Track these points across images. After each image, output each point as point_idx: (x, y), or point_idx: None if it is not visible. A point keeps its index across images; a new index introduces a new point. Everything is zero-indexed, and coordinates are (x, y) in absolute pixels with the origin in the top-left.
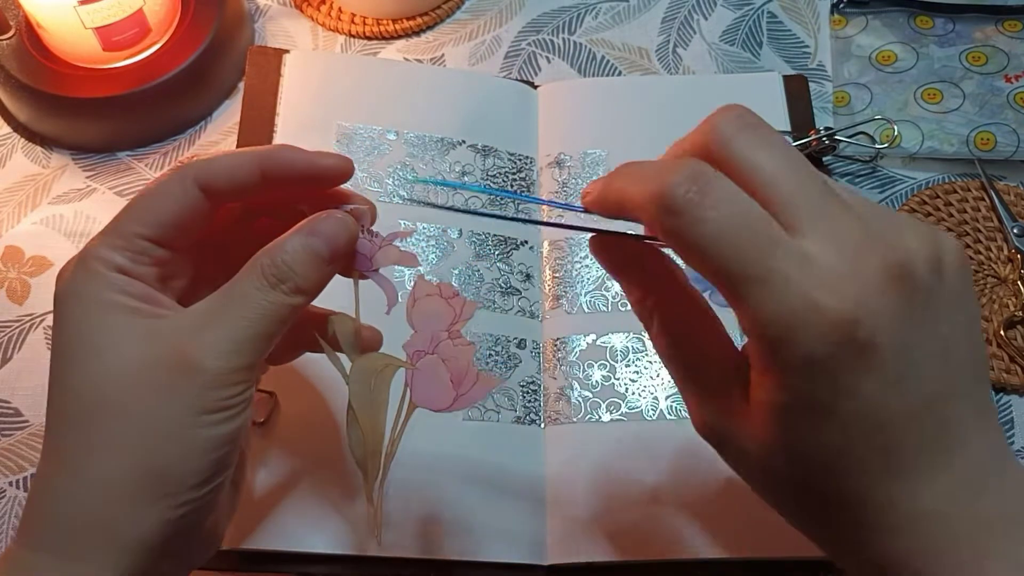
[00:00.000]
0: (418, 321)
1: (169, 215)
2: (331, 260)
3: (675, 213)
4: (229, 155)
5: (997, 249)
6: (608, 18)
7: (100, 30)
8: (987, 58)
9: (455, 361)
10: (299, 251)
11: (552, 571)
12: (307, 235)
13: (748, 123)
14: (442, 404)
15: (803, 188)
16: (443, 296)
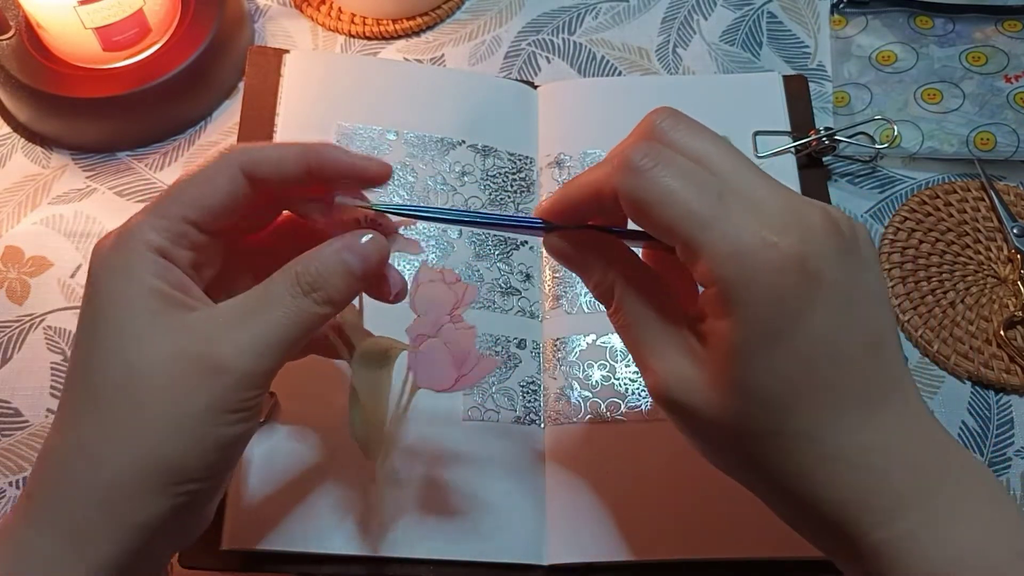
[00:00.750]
0: (421, 306)
1: (215, 199)
2: (363, 278)
3: (635, 172)
4: (277, 147)
5: (997, 249)
6: (608, 18)
7: (100, 30)
8: (987, 58)
9: (457, 344)
10: (334, 264)
11: (552, 571)
12: (344, 250)
13: (680, 119)
14: (444, 385)
15: (738, 163)
16: (445, 281)
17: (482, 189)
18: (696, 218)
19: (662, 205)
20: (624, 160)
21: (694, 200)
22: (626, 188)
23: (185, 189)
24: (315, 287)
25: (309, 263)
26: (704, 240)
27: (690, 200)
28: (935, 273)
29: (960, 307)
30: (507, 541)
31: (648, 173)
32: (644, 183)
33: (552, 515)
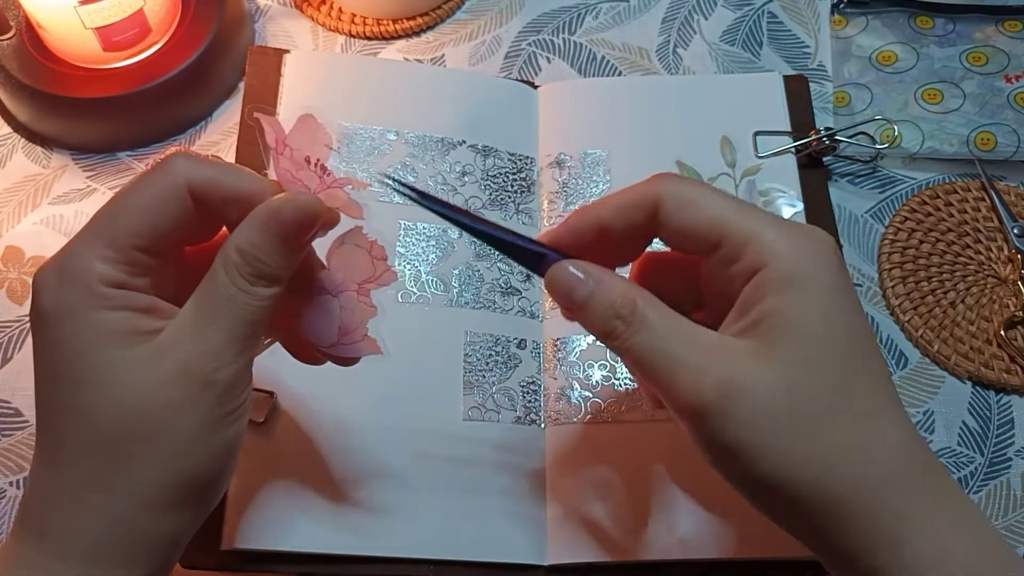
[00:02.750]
0: (335, 263)
1: (164, 224)
2: (299, 244)
3: (678, 177)
4: (229, 174)
5: (997, 249)
6: (608, 18)
7: (100, 30)
8: (987, 58)
9: (352, 314)
10: (265, 242)
11: (552, 571)
12: (269, 224)
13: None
14: (322, 341)
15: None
16: (371, 254)
17: (482, 189)
18: (741, 211)
19: (707, 203)
20: (663, 174)
21: (732, 201)
22: (672, 190)
23: (130, 214)
24: (259, 273)
25: (243, 249)
26: (753, 228)
27: (729, 200)
28: (935, 273)
29: (960, 307)
30: (507, 541)
31: (692, 181)
32: (689, 183)
33: (552, 515)
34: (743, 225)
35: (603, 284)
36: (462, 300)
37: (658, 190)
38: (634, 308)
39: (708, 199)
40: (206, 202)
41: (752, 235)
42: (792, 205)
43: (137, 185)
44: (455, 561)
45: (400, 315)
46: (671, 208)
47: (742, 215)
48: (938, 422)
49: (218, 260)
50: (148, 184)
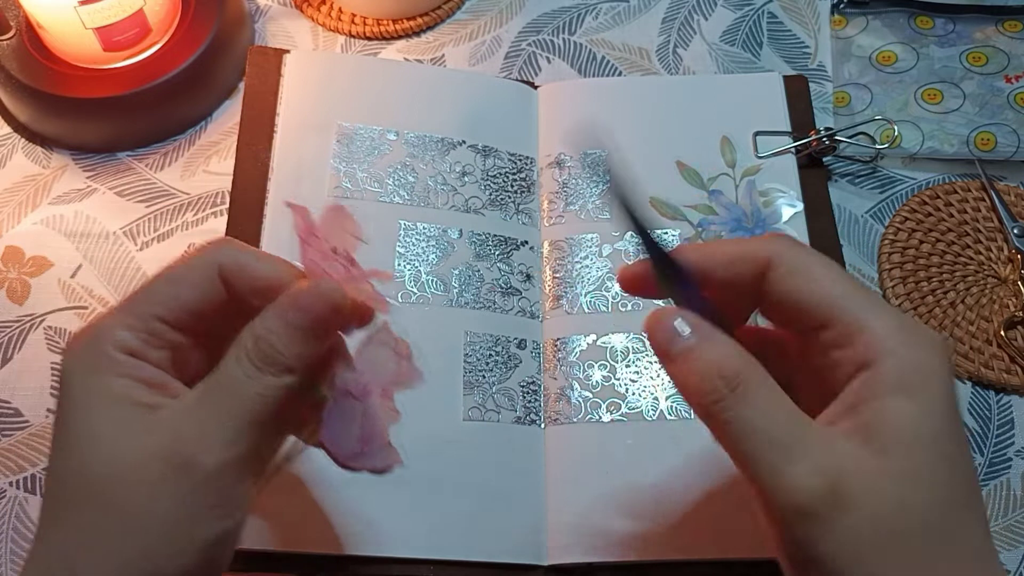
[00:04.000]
0: (361, 362)
1: (188, 300)
2: (317, 335)
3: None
4: (264, 262)
5: (997, 249)
6: (608, 18)
7: (100, 30)
8: (987, 58)
9: (374, 421)
10: (281, 329)
11: (552, 571)
12: (287, 310)
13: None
14: (340, 451)
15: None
16: (397, 352)
17: (482, 189)
18: (855, 292)
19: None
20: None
21: (847, 279)
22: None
23: (159, 287)
24: (269, 361)
25: (258, 334)
26: (867, 316)
27: (844, 277)
28: (935, 273)
29: (960, 307)
30: (507, 541)
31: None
32: (804, 250)
33: (552, 515)
34: (857, 309)
35: (711, 340)
36: (462, 300)
37: (772, 250)
38: (739, 374)
39: (822, 271)
40: (235, 286)
41: (866, 325)
42: (792, 205)
43: (172, 263)
44: (455, 561)
45: (400, 315)
46: (782, 273)
47: (856, 298)
48: None
49: (232, 345)
50: (182, 262)
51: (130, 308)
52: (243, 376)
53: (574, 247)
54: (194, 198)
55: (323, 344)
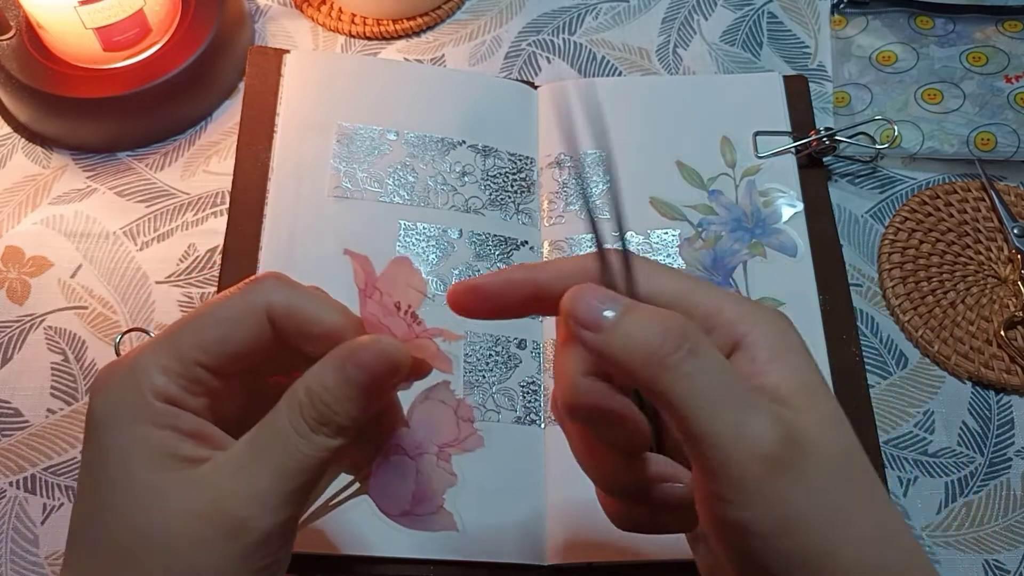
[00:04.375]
0: (417, 419)
1: (234, 346)
2: (374, 394)
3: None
4: (315, 304)
5: (997, 249)
6: (608, 18)
7: (100, 30)
8: (987, 58)
9: (427, 480)
10: (338, 386)
11: (552, 571)
12: (346, 367)
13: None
14: (390, 508)
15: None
16: (458, 414)
17: (482, 189)
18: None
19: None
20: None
21: (691, 278)
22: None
23: (202, 327)
24: (323, 421)
25: (312, 391)
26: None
27: (689, 276)
28: (935, 273)
29: (960, 307)
30: (507, 541)
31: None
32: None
33: (552, 515)
34: (705, 298)
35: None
36: None
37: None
38: (686, 331)
39: (663, 271)
40: (284, 330)
41: (720, 311)
42: (792, 205)
43: (216, 299)
44: (455, 561)
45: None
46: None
47: (701, 289)
48: (938, 422)
49: (284, 398)
50: (227, 300)
51: (168, 349)
52: (295, 434)
53: (574, 247)
54: (194, 198)
55: (379, 404)
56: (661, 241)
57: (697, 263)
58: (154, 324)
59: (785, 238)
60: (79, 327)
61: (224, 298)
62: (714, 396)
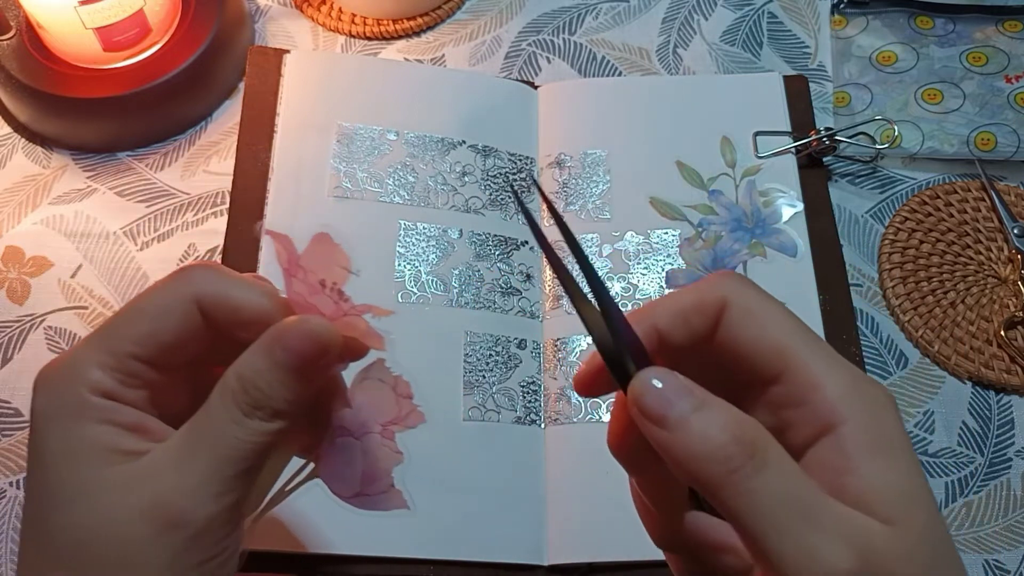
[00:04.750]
0: (358, 399)
1: (166, 336)
2: (306, 376)
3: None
4: (241, 288)
5: (997, 249)
6: (608, 18)
7: (100, 30)
8: (987, 58)
9: (375, 460)
10: (268, 370)
11: (552, 571)
12: (275, 350)
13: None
14: (341, 491)
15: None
16: (396, 392)
17: (482, 189)
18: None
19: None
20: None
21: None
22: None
23: (131, 321)
24: (256, 405)
25: (243, 376)
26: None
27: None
28: (935, 273)
29: (961, 307)
30: (507, 541)
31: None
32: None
33: (552, 515)
34: (811, 364)
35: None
36: (462, 300)
37: (726, 290)
38: (756, 440)
39: (777, 316)
40: (215, 317)
41: (820, 383)
42: (792, 205)
43: (147, 292)
44: (455, 561)
45: (400, 315)
46: (736, 315)
47: (810, 350)
48: (938, 422)
49: (216, 386)
50: (156, 292)
51: (103, 344)
52: (229, 421)
53: None
54: (194, 198)
55: (314, 385)
56: (661, 241)
57: (697, 263)
58: None
59: (785, 238)
60: (79, 327)
61: (153, 290)
62: (782, 515)
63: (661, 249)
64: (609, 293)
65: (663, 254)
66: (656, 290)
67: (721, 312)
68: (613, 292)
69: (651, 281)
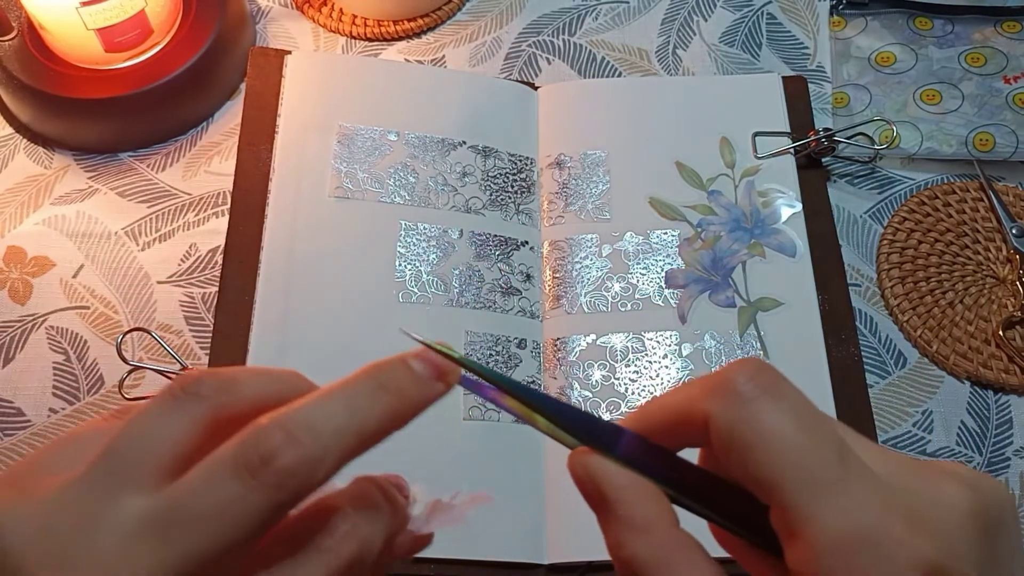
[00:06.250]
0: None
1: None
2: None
3: (736, 399)
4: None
5: (996, 249)
6: (608, 19)
7: (102, 31)
8: (986, 59)
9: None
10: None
11: (552, 570)
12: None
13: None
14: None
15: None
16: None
17: (483, 190)
18: (809, 477)
19: (767, 448)
20: (723, 382)
21: (810, 452)
22: (721, 419)
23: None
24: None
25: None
26: (815, 511)
27: (805, 450)
28: (934, 273)
29: (959, 307)
30: (507, 540)
31: (754, 403)
32: (746, 415)
33: (552, 514)
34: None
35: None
36: (462, 300)
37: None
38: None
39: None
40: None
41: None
42: (791, 206)
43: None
44: (455, 560)
45: (400, 315)
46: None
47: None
48: (936, 422)
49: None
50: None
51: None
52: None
53: (574, 247)
54: (195, 198)
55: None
56: (660, 241)
57: (696, 263)
58: (155, 324)
59: (784, 238)
60: (81, 327)
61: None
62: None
63: (660, 249)
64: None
65: (662, 254)
66: (655, 290)
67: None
68: (614, 291)
69: (650, 281)
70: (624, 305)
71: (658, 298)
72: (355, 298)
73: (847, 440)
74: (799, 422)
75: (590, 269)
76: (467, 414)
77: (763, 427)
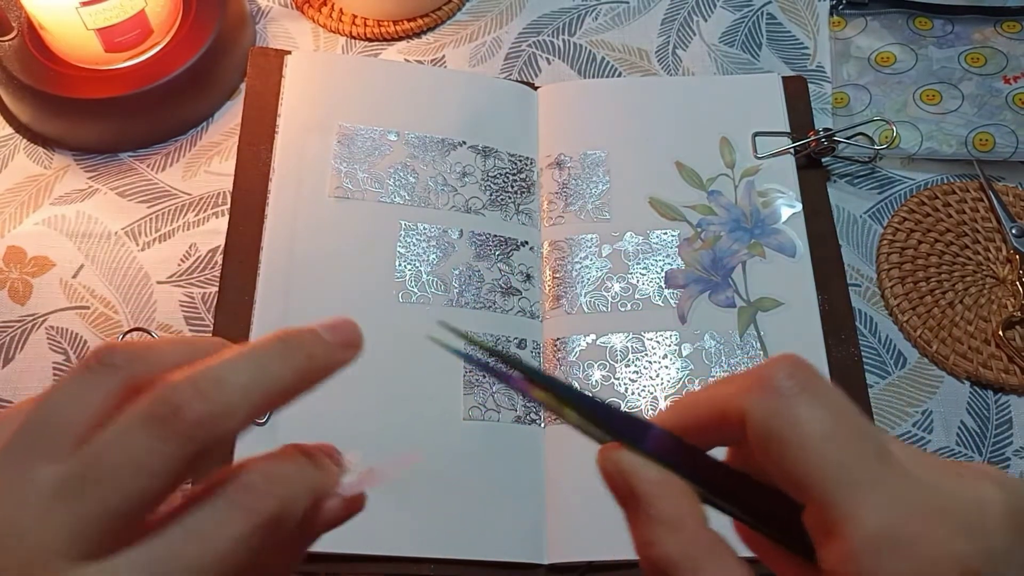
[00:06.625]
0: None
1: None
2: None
3: (775, 395)
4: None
5: (996, 250)
6: (608, 19)
7: (102, 31)
8: (986, 59)
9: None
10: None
11: (552, 570)
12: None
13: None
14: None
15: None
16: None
17: (483, 190)
18: (848, 474)
19: (806, 445)
20: (761, 378)
21: (850, 449)
22: (758, 414)
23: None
24: None
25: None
26: (854, 508)
27: (845, 448)
28: (934, 273)
29: (959, 307)
30: (507, 540)
31: (793, 399)
32: (785, 411)
33: (552, 515)
34: (838, 500)
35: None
36: (462, 300)
37: (744, 406)
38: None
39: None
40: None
41: (846, 522)
42: (791, 206)
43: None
44: (455, 560)
45: (400, 315)
46: (754, 439)
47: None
48: (936, 422)
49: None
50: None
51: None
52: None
53: (574, 247)
54: (195, 198)
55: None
56: (660, 241)
57: (696, 263)
58: (155, 324)
59: (784, 238)
60: (81, 327)
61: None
62: None
63: (660, 249)
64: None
65: (662, 254)
66: (655, 290)
67: (744, 425)
68: (614, 291)
69: (650, 281)
70: (624, 305)
71: (658, 298)
72: (355, 298)
73: (887, 442)
74: (838, 419)
75: (590, 269)
76: (467, 414)
77: (802, 423)
